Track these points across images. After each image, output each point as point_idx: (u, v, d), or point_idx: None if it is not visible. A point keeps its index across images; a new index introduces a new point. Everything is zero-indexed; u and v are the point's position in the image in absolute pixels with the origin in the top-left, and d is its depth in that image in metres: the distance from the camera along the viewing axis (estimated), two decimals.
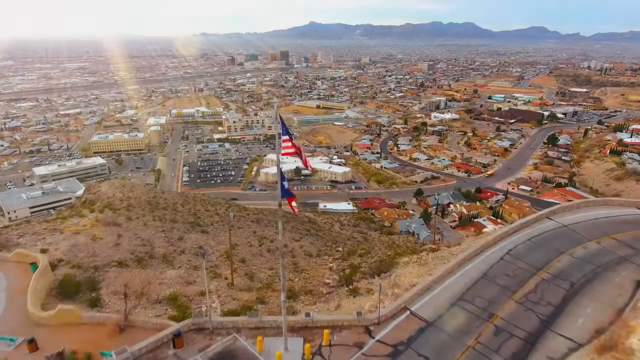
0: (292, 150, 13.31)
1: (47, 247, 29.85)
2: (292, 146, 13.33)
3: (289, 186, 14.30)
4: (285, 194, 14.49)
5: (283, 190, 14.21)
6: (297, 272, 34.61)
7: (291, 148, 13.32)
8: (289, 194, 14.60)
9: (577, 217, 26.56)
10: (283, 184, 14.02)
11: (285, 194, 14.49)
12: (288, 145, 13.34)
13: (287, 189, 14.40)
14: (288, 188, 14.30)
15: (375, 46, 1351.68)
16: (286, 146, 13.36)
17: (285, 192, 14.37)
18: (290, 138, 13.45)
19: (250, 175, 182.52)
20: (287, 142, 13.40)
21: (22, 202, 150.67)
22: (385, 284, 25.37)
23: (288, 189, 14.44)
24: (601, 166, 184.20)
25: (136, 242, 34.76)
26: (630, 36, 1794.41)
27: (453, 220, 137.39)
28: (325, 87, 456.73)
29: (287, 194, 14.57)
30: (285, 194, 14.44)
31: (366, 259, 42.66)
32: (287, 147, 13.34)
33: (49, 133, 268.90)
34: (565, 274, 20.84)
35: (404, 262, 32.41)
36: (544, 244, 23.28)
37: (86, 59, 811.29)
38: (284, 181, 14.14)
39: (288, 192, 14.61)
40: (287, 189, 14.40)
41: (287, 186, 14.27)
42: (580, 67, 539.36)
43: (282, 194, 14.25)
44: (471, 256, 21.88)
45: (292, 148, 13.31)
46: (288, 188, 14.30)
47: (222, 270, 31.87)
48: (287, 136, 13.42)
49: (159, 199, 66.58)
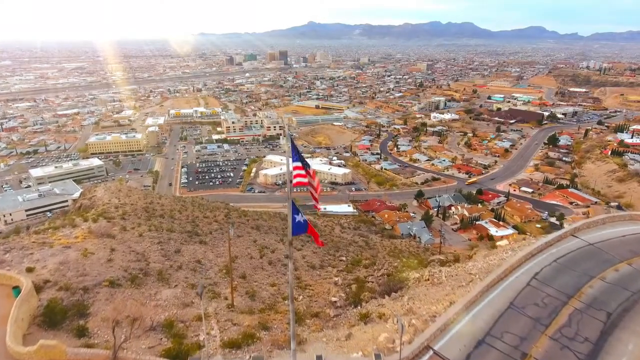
0: (305, 180, 11.06)
1: (34, 264, 27.92)
2: (306, 174, 11.07)
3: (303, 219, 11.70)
4: (299, 230, 11.84)
5: (295, 224, 11.61)
6: (301, 288, 32.74)
7: (304, 177, 11.06)
8: (302, 230, 11.89)
9: (602, 235, 24.79)
10: (295, 217, 11.81)
11: (299, 230, 11.84)
12: (301, 173, 11.01)
13: (299, 222, 11.64)
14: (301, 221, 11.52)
15: (374, 46, 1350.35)
16: (299, 174, 11.04)
17: (298, 228, 11.71)
18: (303, 165, 11.05)
19: (249, 176, 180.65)
20: (300, 170, 11.03)
21: (17, 205, 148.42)
22: (398, 307, 23.51)
23: (301, 222, 11.66)
24: (602, 167, 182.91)
25: (130, 257, 32.83)
26: (629, 36, 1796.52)
27: (455, 223, 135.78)
28: (324, 87, 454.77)
29: (301, 230, 11.89)
30: (299, 229, 11.78)
31: (372, 271, 40.80)
32: (300, 176, 11.04)
33: (46, 134, 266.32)
34: (599, 303, 19.05)
35: (414, 279, 30.54)
36: (572, 266, 21.49)
37: (84, 59, 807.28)
38: (297, 214, 11.63)
39: (303, 226, 11.83)
40: (299, 222, 11.64)
41: (300, 219, 11.81)
42: (579, 67, 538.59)
43: (294, 230, 11.76)
44: (495, 281, 19.98)
45: (305, 177, 11.05)
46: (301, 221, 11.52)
47: (221, 289, 29.98)
48: (299, 162, 11.05)
49: (155, 205, 64.67)
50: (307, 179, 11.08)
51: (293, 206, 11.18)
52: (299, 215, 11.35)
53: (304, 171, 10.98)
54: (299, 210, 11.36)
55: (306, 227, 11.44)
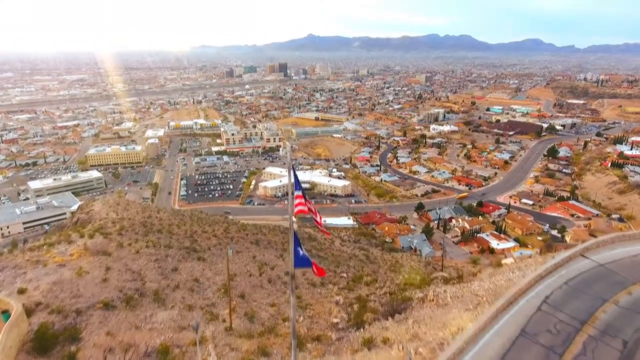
0: (305, 208, 10.47)
1: (26, 285, 27.07)
2: (305, 204, 10.47)
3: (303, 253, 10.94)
4: (301, 264, 11.10)
5: (297, 258, 10.94)
6: (302, 307, 31.81)
7: (304, 205, 10.47)
8: (305, 263, 11.13)
9: (613, 255, 24.07)
10: (297, 249, 10.96)
11: (301, 264, 11.10)
12: (302, 202, 10.41)
13: (302, 256, 10.96)
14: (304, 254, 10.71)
15: (373, 58, 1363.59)
16: (300, 202, 10.45)
17: (300, 261, 10.98)
18: (303, 194, 10.48)
19: (248, 189, 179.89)
20: (300, 199, 10.42)
21: (15, 217, 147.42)
22: (403, 331, 22.63)
23: (304, 256, 11.00)
24: (603, 179, 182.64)
25: (126, 276, 31.96)
26: (625, 48, 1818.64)
27: (455, 236, 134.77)
28: (324, 98, 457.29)
29: (304, 264, 11.13)
30: (300, 263, 11.05)
31: (374, 289, 39.86)
32: (300, 204, 10.44)
33: (46, 145, 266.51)
34: (614, 329, 18.25)
35: (418, 299, 29.66)
36: (583, 289, 20.73)
37: (85, 71, 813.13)
38: (298, 246, 10.95)
39: (305, 260, 11.10)
40: (302, 256, 10.96)
41: (303, 253, 10.83)
42: (576, 79, 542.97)
43: (297, 262, 10.99)
44: (505, 306, 19.18)
45: (305, 206, 10.46)
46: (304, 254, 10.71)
47: (219, 310, 29.08)
48: (300, 192, 10.43)
49: (153, 219, 63.90)
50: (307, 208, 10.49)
51: (295, 238, 10.50)
52: (301, 249, 10.64)
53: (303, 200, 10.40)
54: (300, 243, 10.65)
55: (309, 263, 10.69)
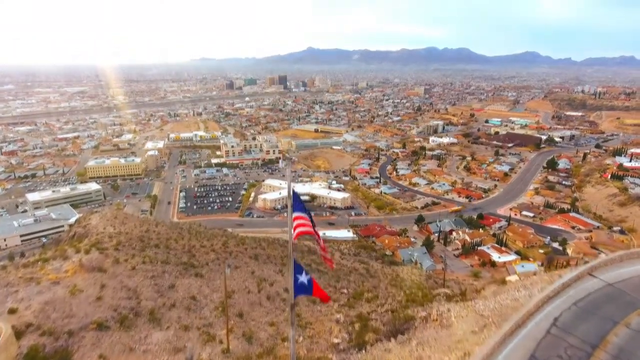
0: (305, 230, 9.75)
1: (17, 304, 26.30)
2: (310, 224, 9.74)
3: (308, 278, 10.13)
4: (303, 292, 10.26)
5: (297, 286, 10.09)
6: (301, 326, 30.96)
7: (305, 226, 9.76)
8: (306, 292, 10.28)
9: (622, 273, 23.42)
10: (297, 277, 10.07)
11: (303, 292, 10.26)
12: (303, 223, 9.71)
13: (302, 283, 10.07)
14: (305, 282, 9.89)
15: (372, 71, 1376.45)
16: (301, 224, 9.76)
17: (301, 289, 10.12)
18: (305, 215, 9.76)
19: (248, 201, 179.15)
20: (302, 220, 9.73)
21: (12, 230, 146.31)
22: (406, 354, 21.84)
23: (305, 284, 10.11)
24: (603, 191, 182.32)
25: (121, 294, 31.18)
26: (621, 61, 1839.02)
27: (456, 248, 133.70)
28: (323, 111, 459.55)
29: (305, 292, 10.29)
30: (302, 291, 10.20)
31: (375, 306, 38.97)
32: (302, 225, 9.76)
33: (45, 157, 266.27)
34: (627, 354, 17.51)
35: (421, 318, 28.84)
36: (593, 311, 20.06)
37: (86, 83, 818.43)
38: (299, 274, 10.05)
39: (307, 288, 10.27)
40: (302, 283, 10.07)
41: (303, 279, 10.23)
42: (574, 91, 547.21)
43: (297, 291, 10.11)
44: (513, 329, 18.49)
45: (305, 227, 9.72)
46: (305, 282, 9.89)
47: (216, 330, 28.23)
48: (301, 212, 9.78)
49: (151, 233, 63.13)
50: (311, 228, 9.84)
51: (295, 265, 9.86)
52: (302, 275, 9.93)
53: (306, 221, 9.76)
54: (302, 268, 9.99)
55: (311, 289, 9.98)
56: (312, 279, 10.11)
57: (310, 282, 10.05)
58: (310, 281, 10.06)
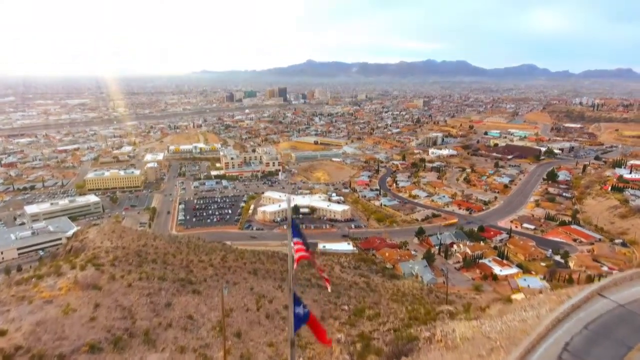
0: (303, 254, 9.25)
1: (8, 325, 25.44)
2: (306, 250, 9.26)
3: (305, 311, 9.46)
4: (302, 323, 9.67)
5: (297, 319, 9.50)
6: (301, 347, 30.03)
7: (304, 252, 9.27)
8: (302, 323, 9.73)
9: (633, 293, 22.67)
10: (296, 309, 9.65)
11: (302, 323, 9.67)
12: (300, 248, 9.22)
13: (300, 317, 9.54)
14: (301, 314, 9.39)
15: (371, 83, 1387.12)
16: (299, 249, 9.29)
17: (301, 321, 9.53)
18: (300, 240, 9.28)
19: (247, 213, 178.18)
20: (300, 245, 9.25)
21: (10, 243, 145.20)
22: None
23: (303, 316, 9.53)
24: (604, 203, 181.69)
25: (116, 313, 30.30)
26: (618, 73, 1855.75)
27: (457, 261, 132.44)
28: (323, 123, 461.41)
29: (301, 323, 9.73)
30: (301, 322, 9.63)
31: (377, 325, 37.99)
32: (300, 250, 9.29)
33: (45, 169, 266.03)
34: None
35: (424, 339, 27.95)
36: (605, 334, 19.30)
37: (87, 96, 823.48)
38: (298, 306, 9.55)
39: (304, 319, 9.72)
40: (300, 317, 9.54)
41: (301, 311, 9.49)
42: (572, 104, 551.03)
43: (297, 324, 9.37)
44: (522, 355, 17.73)
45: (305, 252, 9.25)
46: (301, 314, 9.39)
47: (213, 352, 27.34)
48: (299, 238, 9.29)
49: (149, 247, 62.23)
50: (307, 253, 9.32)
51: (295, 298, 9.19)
52: (299, 307, 9.27)
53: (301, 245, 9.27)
54: (300, 301, 9.36)
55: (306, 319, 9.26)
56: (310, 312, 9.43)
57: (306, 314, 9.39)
58: (307, 314, 9.40)
